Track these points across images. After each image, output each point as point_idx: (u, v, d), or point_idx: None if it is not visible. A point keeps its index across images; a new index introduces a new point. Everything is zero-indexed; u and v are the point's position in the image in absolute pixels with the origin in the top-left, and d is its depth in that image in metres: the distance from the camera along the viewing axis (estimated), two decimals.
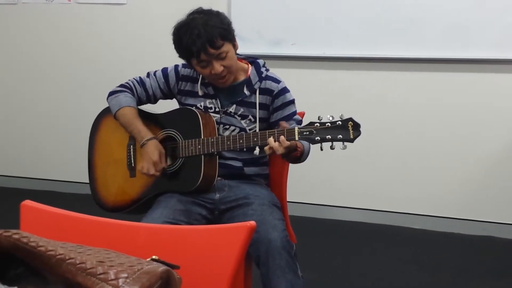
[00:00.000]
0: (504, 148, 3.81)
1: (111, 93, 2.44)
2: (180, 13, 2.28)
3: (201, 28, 2.15)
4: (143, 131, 2.32)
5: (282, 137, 2.05)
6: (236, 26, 2.31)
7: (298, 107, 2.42)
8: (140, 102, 2.45)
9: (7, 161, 4.92)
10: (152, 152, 2.26)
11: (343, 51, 3.95)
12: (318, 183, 4.19)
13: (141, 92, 2.43)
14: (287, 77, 2.47)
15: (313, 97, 3.93)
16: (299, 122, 2.33)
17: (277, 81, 2.35)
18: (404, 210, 4.03)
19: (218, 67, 2.20)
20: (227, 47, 2.21)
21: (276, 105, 2.33)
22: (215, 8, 2.33)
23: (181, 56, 2.28)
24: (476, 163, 3.87)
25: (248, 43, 3.91)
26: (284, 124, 2.11)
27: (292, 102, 2.36)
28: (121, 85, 2.45)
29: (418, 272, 3.31)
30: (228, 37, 2.21)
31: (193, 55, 2.19)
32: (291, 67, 4.07)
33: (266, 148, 2.08)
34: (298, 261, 2.12)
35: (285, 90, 2.35)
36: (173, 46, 2.27)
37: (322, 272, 3.26)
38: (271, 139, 2.07)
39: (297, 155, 2.20)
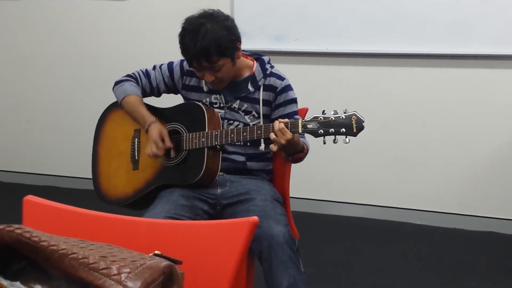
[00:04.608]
0: (507, 144, 3.81)
1: (117, 83, 2.47)
2: (182, 9, 2.28)
3: (200, 39, 2.13)
4: (146, 116, 2.34)
5: (282, 125, 2.05)
6: (239, 21, 2.30)
7: (301, 103, 2.42)
8: (144, 93, 2.46)
9: (9, 157, 4.92)
10: (152, 134, 2.28)
11: (345, 46, 3.94)
12: (321, 179, 4.19)
13: (146, 83, 2.45)
14: (290, 72, 2.47)
15: (316, 92, 3.93)
16: None
17: (282, 78, 2.36)
18: (407, 206, 4.02)
19: (209, 77, 2.22)
20: (224, 61, 2.19)
21: (278, 102, 2.34)
22: (218, 3, 2.32)
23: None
24: (478, 159, 3.87)
25: (250, 38, 3.91)
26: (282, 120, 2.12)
27: (294, 101, 2.36)
28: (127, 75, 2.48)
29: (420, 267, 3.31)
30: (227, 53, 2.19)
31: (187, 60, 2.23)
32: (294, 63, 4.06)
33: (271, 145, 2.09)
34: (301, 256, 2.13)
35: (288, 88, 2.35)
36: (176, 42, 2.27)
37: (325, 267, 3.26)
38: (272, 134, 2.07)
39: (301, 157, 2.22)
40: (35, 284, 0.84)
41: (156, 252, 0.89)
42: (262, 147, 2.18)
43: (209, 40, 2.13)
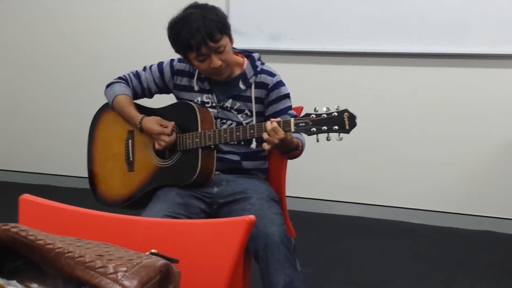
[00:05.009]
0: (503, 144, 3.81)
1: (108, 86, 2.47)
2: (180, 7, 2.27)
3: (200, 22, 2.15)
4: (134, 115, 2.35)
5: (275, 125, 2.05)
6: (235, 20, 2.31)
7: (297, 102, 2.42)
8: (135, 95, 2.45)
9: (6, 156, 4.92)
10: (150, 127, 2.29)
11: (342, 45, 3.95)
12: (317, 177, 4.19)
13: (137, 84, 2.45)
14: (286, 71, 2.46)
15: (312, 92, 3.93)
16: (294, 117, 2.32)
17: (272, 74, 2.35)
18: (403, 205, 4.03)
19: (216, 61, 2.20)
20: (225, 40, 2.21)
21: (271, 99, 2.33)
22: (213, 2, 2.32)
23: (177, 51, 2.28)
24: (475, 158, 3.88)
25: (246, 37, 3.91)
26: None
27: (287, 96, 2.36)
28: (118, 78, 2.48)
29: (417, 266, 3.31)
30: (225, 30, 2.22)
31: (192, 49, 2.19)
32: (290, 62, 4.06)
33: (264, 144, 2.09)
34: (297, 255, 2.12)
35: (280, 84, 2.35)
36: None
37: (321, 266, 3.26)
38: (265, 134, 2.07)
39: (296, 154, 2.22)
40: (31, 282, 0.83)
41: (153, 250, 0.89)
42: (254, 145, 2.18)
43: (208, 21, 2.16)
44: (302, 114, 2.09)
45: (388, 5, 3.81)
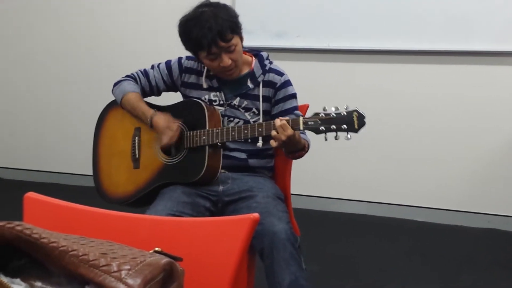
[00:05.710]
0: (508, 141, 3.80)
1: (116, 84, 2.47)
2: (184, 5, 2.27)
3: (212, 21, 2.16)
4: (146, 111, 2.36)
5: (284, 122, 2.05)
6: (240, 18, 2.31)
7: (302, 99, 2.42)
8: (144, 93, 2.46)
9: (10, 154, 4.93)
10: (160, 124, 2.30)
11: (347, 43, 3.94)
12: (322, 175, 4.19)
13: (145, 82, 2.45)
14: (291, 69, 2.46)
15: (317, 89, 3.93)
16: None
17: (281, 73, 2.36)
18: (408, 203, 4.03)
19: (226, 60, 2.21)
20: (236, 40, 2.22)
21: (278, 98, 2.34)
22: None
23: (188, 48, 2.29)
24: (480, 156, 3.87)
25: (251, 35, 3.88)
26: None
27: (293, 96, 2.37)
28: (126, 76, 2.49)
29: (422, 264, 3.31)
30: (236, 30, 2.23)
31: (203, 48, 2.20)
32: (295, 60, 4.06)
33: (271, 141, 2.09)
34: (302, 253, 2.12)
35: (287, 83, 2.36)
36: (178, 39, 2.26)
37: (326, 264, 3.26)
38: (273, 131, 2.08)
39: (301, 155, 2.22)
40: (35, 281, 0.83)
41: (157, 249, 0.89)
42: (260, 143, 2.18)
43: (220, 20, 2.16)
44: (310, 114, 2.09)
45: (393, 3, 3.80)
